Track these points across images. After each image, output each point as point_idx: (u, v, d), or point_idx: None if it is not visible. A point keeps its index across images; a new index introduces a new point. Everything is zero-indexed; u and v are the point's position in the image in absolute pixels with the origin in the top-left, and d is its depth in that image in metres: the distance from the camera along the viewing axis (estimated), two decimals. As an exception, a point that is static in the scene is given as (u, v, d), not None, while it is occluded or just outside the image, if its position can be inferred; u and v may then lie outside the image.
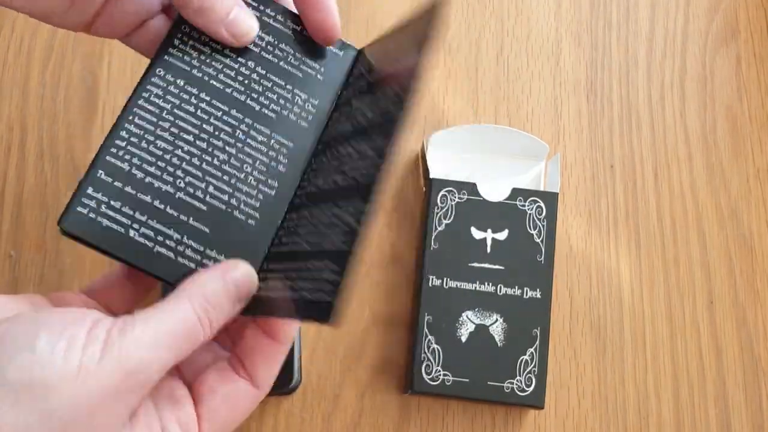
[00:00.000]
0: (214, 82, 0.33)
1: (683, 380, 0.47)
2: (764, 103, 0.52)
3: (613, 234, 0.49)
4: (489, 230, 0.45)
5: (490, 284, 0.45)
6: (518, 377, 0.43)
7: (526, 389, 0.43)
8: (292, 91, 0.34)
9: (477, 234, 0.45)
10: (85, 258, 0.47)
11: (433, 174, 0.47)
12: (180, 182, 0.32)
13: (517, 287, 0.45)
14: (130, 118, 0.32)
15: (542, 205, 0.46)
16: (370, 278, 0.48)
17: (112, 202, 0.31)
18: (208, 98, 0.33)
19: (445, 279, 0.45)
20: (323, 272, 0.33)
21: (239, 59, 0.34)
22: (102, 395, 0.25)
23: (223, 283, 0.30)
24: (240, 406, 0.31)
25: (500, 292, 0.44)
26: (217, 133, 0.33)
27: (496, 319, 0.44)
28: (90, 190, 0.32)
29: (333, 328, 0.33)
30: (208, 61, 0.33)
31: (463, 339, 0.44)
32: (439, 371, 0.43)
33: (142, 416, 0.28)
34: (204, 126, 0.32)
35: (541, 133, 0.51)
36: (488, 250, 0.45)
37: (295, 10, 0.35)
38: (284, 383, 0.43)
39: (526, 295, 0.44)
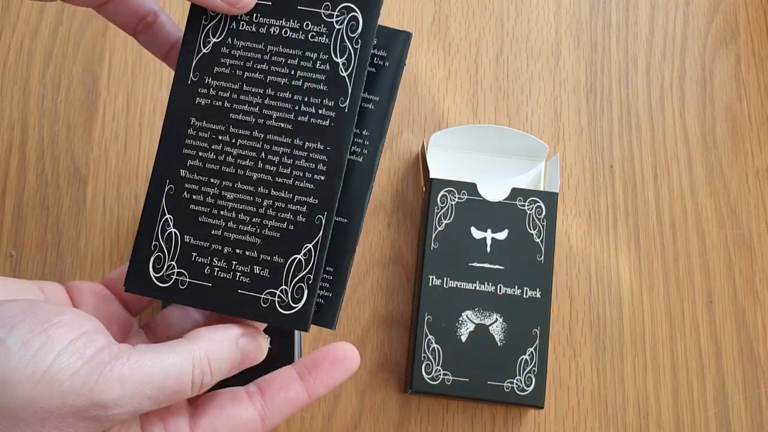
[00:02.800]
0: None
1: (682, 380, 0.47)
2: (763, 103, 0.52)
3: (613, 234, 0.49)
4: (489, 230, 0.46)
5: (490, 284, 0.45)
6: (518, 377, 0.43)
7: (526, 389, 0.43)
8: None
9: (477, 234, 0.45)
10: (86, 257, 0.47)
11: (433, 174, 0.47)
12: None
13: (516, 287, 0.45)
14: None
15: (542, 205, 0.46)
16: (370, 278, 0.48)
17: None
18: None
19: (445, 279, 0.45)
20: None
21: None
22: (59, 410, 0.24)
23: (234, 349, 0.29)
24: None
25: (500, 291, 0.45)
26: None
27: (496, 319, 0.44)
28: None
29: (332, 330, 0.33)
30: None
31: (463, 338, 0.44)
32: (439, 371, 0.43)
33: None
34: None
35: (540, 134, 0.51)
36: (488, 249, 0.45)
37: None
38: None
39: (526, 294, 0.45)
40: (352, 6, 0.31)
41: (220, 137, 0.31)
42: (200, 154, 0.31)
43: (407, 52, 0.32)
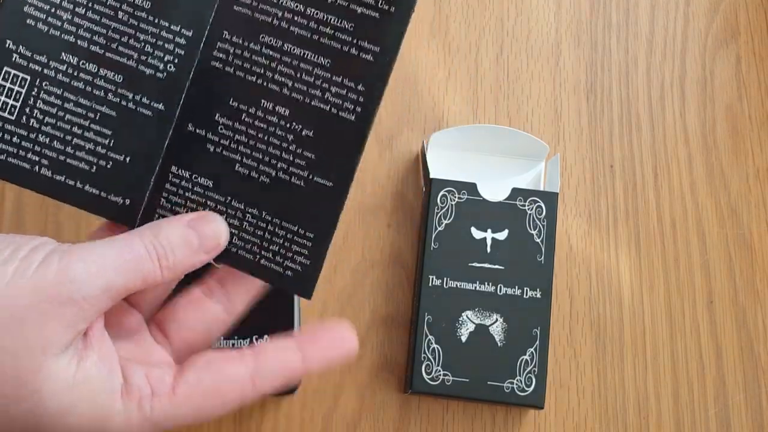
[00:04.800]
0: None
1: (683, 380, 0.47)
2: (764, 103, 0.52)
3: (613, 234, 0.49)
4: (489, 230, 0.45)
5: (490, 284, 0.45)
6: (518, 377, 0.43)
7: (526, 389, 0.43)
8: None
9: (477, 234, 0.45)
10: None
11: (433, 174, 0.47)
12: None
13: (517, 287, 0.45)
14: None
15: (542, 205, 0.46)
16: (370, 278, 0.48)
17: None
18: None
19: (445, 279, 0.45)
20: (295, 237, 0.30)
21: None
22: (34, 298, 0.25)
23: (185, 230, 0.29)
24: (213, 334, 0.31)
25: (500, 292, 0.45)
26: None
27: (496, 319, 0.44)
28: None
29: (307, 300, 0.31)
30: None
31: (463, 339, 0.44)
32: (439, 371, 0.43)
33: (95, 346, 0.27)
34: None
35: (540, 134, 0.51)
36: (488, 249, 0.45)
37: None
38: (284, 383, 0.43)
39: (526, 295, 0.45)
40: None
41: None
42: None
43: None
